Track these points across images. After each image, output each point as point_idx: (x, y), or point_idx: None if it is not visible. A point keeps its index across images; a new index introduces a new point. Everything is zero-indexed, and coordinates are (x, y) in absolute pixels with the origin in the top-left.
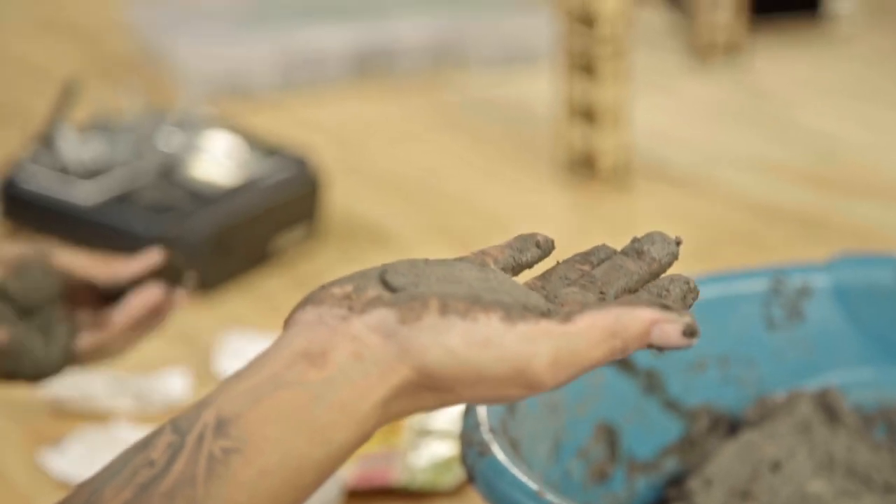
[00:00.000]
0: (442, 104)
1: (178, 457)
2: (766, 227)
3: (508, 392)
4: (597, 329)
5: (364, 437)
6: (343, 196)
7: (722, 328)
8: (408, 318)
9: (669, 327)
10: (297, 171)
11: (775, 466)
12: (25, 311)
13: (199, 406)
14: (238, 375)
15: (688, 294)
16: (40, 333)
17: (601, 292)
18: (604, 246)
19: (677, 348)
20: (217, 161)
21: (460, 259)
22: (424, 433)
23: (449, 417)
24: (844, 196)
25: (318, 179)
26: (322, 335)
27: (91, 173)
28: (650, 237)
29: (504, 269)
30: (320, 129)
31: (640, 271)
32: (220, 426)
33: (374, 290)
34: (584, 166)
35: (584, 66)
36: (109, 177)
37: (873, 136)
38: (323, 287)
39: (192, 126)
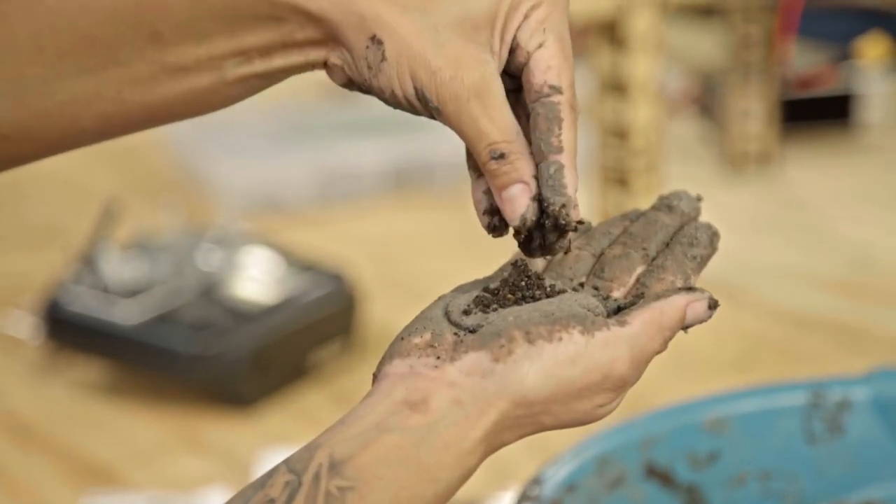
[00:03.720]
0: (477, 218)
1: (296, 494)
2: (802, 338)
3: (600, 398)
4: (649, 325)
5: (470, 472)
6: (380, 309)
7: (762, 442)
8: (500, 355)
9: (699, 305)
10: (333, 287)
11: None
12: None
13: (310, 449)
14: (342, 423)
15: (713, 238)
16: None
17: (643, 248)
18: (636, 209)
19: (703, 321)
20: (255, 278)
21: (486, 279)
22: None
23: None
24: (881, 305)
25: (355, 295)
26: (420, 384)
27: (132, 292)
28: (676, 194)
29: None
30: (357, 243)
31: (674, 223)
32: (334, 467)
33: (451, 334)
34: None
35: (618, 178)
36: (150, 295)
37: None
38: (401, 339)
39: (231, 243)
